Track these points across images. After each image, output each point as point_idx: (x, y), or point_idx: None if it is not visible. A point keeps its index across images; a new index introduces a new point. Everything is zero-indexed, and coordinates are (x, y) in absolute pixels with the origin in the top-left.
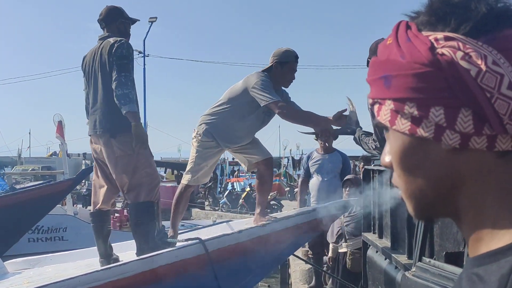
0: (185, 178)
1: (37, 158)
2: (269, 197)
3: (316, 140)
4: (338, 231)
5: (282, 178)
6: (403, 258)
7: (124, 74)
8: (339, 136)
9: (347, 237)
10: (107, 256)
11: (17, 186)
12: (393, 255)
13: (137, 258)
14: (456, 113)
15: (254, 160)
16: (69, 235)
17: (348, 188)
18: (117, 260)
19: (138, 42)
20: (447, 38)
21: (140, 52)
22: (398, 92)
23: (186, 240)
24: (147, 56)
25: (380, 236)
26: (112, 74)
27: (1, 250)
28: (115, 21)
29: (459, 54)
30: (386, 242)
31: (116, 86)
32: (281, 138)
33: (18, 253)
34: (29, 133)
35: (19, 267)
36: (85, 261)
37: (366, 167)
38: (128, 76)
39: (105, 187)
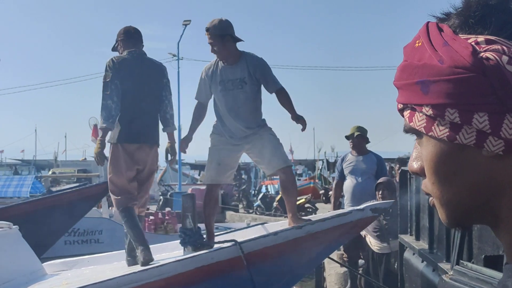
0: (205, 178)
1: (73, 161)
2: (303, 199)
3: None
4: (377, 233)
5: (317, 180)
6: (440, 261)
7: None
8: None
9: (390, 239)
10: (132, 254)
11: (53, 189)
12: (430, 257)
13: (174, 260)
14: (501, 119)
15: (270, 171)
16: (104, 237)
17: (381, 191)
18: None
19: (172, 45)
20: (488, 42)
21: (174, 55)
22: (437, 98)
23: (222, 242)
24: (181, 59)
25: (417, 238)
26: (161, 93)
27: (38, 252)
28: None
29: (505, 58)
30: (423, 244)
31: (170, 106)
32: (316, 140)
33: (54, 256)
34: (65, 136)
35: (57, 268)
36: (122, 262)
37: (402, 168)
38: None
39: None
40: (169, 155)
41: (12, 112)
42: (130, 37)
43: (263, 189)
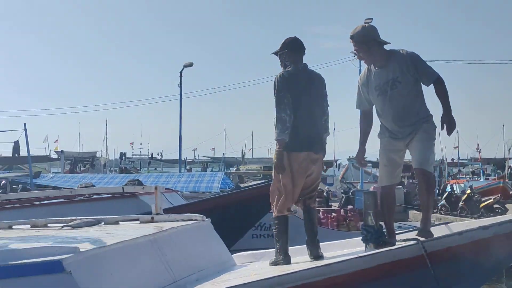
0: (378, 180)
1: (258, 158)
2: (492, 200)
3: None
4: None
5: (507, 180)
6: None
7: None
8: None
9: None
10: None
11: (241, 185)
12: None
13: (357, 256)
14: None
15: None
16: (290, 232)
17: None
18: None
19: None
20: None
21: (355, 54)
22: None
23: (404, 240)
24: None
25: None
26: (323, 104)
27: (228, 244)
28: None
29: None
30: None
31: (328, 115)
32: (505, 137)
33: (242, 248)
34: (252, 135)
35: (246, 260)
36: (305, 257)
37: None
38: None
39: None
40: None
41: (204, 112)
42: (296, 50)
43: (448, 188)
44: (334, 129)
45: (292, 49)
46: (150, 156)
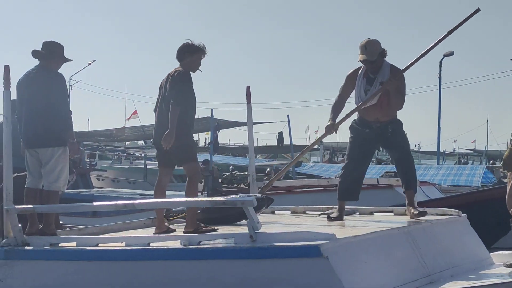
0: None
1: None
2: None
3: None
4: None
5: None
6: None
7: None
8: None
9: None
10: None
11: (505, 180)
12: None
13: None
14: None
15: None
16: None
17: None
18: None
19: None
20: None
21: None
22: None
23: None
24: None
25: None
26: None
27: (488, 242)
28: None
29: None
30: None
31: None
32: None
33: (506, 247)
34: None
35: (506, 259)
36: None
37: None
38: None
39: None
40: None
41: (464, 103)
42: None
43: None
44: None
45: None
46: None
